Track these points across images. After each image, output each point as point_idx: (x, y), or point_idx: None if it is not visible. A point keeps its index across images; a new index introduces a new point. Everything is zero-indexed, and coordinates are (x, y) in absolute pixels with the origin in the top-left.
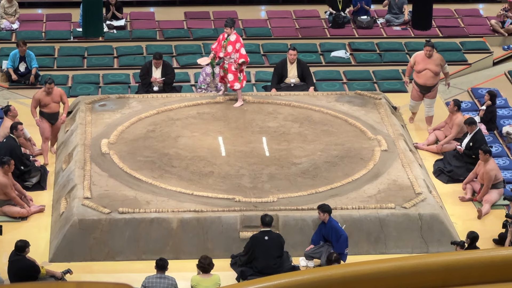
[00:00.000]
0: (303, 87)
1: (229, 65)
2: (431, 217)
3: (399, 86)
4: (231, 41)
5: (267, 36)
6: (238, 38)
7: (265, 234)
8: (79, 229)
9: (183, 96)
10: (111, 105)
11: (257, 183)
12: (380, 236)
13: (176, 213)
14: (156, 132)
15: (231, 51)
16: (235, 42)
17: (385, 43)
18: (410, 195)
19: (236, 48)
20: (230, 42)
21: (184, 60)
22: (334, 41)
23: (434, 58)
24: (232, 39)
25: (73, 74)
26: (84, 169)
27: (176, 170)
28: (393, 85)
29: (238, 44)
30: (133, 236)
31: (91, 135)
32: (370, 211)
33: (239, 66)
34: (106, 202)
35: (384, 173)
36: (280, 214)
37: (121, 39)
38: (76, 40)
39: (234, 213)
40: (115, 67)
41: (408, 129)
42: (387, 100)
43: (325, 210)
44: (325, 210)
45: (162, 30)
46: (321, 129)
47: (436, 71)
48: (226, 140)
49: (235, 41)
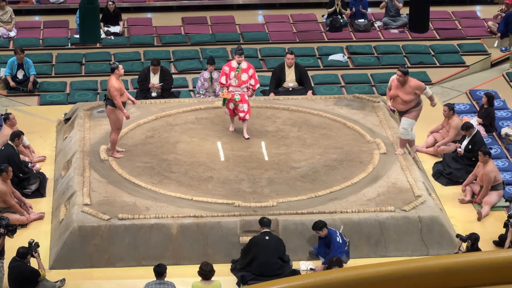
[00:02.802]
0: (301, 91)
1: (241, 95)
2: (431, 219)
3: None
4: (244, 69)
5: (265, 40)
6: (249, 65)
7: (265, 234)
8: (79, 235)
9: (181, 101)
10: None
11: (257, 187)
12: (380, 239)
13: (175, 218)
14: (155, 138)
15: (247, 79)
16: (248, 68)
17: (383, 46)
18: (409, 197)
19: (250, 75)
20: (243, 70)
21: (182, 66)
22: (332, 45)
23: (407, 86)
24: (244, 67)
25: (71, 80)
26: (83, 175)
27: (175, 175)
28: None
29: (251, 70)
30: (133, 242)
31: (90, 141)
32: (370, 215)
33: (253, 93)
34: (106, 208)
35: (384, 176)
36: (279, 219)
37: (119, 45)
38: (74, 46)
39: (234, 218)
40: None
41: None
42: (385, 103)
43: (321, 226)
44: (322, 226)
45: (160, 35)
46: (319, 132)
47: (406, 99)
48: (225, 145)
49: (248, 68)
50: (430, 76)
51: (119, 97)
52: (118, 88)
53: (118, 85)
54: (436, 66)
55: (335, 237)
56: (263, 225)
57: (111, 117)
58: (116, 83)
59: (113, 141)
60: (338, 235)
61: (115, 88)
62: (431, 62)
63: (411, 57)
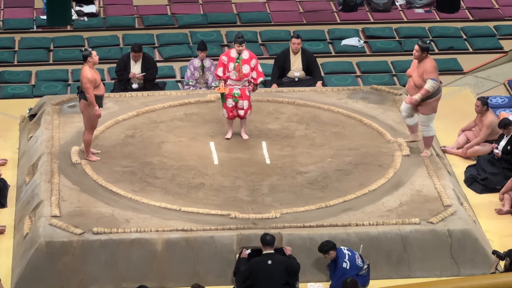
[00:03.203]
0: (309, 82)
1: (242, 90)
2: (463, 233)
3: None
4: (245, 60)
5: (266, 22)
6: (252, 54)
7: (268, 257)
8: (46, 253)
9: (167, 94)
10: None
11: (256, 196)
12: (403, 257)
13: (160, 232)
14: (136, 138)
15: (248, 71)
16: (250, 59)
17: (406, 29)
18: (437, 208)
19: (252, 66)
20: (244, 61)
21: (168, 52)
22: (345, 27)
23: (421, 66)
24: (245, 57)
25: (37, 70)
26: (52, 182)
27: (160, 182)
28: None
29: (254, 60)
30: (111, 260)
31: (59, 141)
32: (390, 228)
33: (256, 88)
34: (78, 221)
35: (407, 182)
36: (284, 233)
37: (93, 28)
38: (40, 29)
39: (230, 232)
40: None
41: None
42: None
43: (327, 249)
44: (328, 249)
45: (142, 16)
46: (331, 131)
47: (417, 84)
48: (219, 146)
49: (250, 58)
50: (462, 64)
51: (92, 90)
52: (92, 78)
53: (92, 75)
54: (468, 52)
55: (341, 261)
56: (265, 244)
57: (85, 114)
58: (89, 73)
59: (87, 141)
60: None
61: (88, 79)
62: (462, 48)
63: (439, 42)
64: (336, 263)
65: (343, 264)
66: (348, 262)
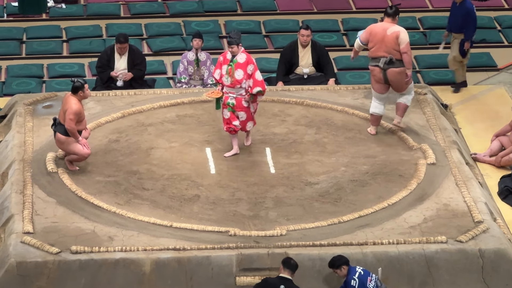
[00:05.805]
0: (320, 79)
1: (237, 99)
2: (496, 254)
3: (450, 76)
4: (239, 64)
5: (271, 10)
6: (249, 58)
7: (281, 281)
8: (18, 275)
9: (157, 93)
10: (59, 106)
11: (259, 210)
12: (427, 281)
13: (149, 252)
14: (121, 143)
15: (242, 77)
16: (246, 63)
17: (431, 18)
18: (467, 224)
19: (248, 72)
20: (238, 65)
21: (158, 45)
22: (361, 16)
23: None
24: (241, 61)
25: (7, 64)
26: (24, 193)
27: (148, 194)
28: (443, 75)
29: (251, 66)
30: (91, 283)
31: (33, 147)
32: (413, 247)
33: (252, 98)
34: (54, 238)
35: (432, 195)
36: (290, 252)
37: (72, 16)
38: (11, 18)
39: (228, 252)
40: (64, 54)
41: (464, 135)
42: (435, 95)
43: (339, 264)
44: (340, 264)
45: (128, 3)
46: (345, 136)
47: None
48: (216, 153)
49: (246, 63)
50: (495, 59)
51: (75, 123)
52: (79, 112)
53: (79, 108)
54: (503, 45)
55: (350, 278)
56: (286, 266)
57: (64, 148)
58: (76, 106)
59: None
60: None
61: (74, 112)
62: (496, 40)
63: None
64: (345, 283)
65: (352, 281)
66: (357, 280)
